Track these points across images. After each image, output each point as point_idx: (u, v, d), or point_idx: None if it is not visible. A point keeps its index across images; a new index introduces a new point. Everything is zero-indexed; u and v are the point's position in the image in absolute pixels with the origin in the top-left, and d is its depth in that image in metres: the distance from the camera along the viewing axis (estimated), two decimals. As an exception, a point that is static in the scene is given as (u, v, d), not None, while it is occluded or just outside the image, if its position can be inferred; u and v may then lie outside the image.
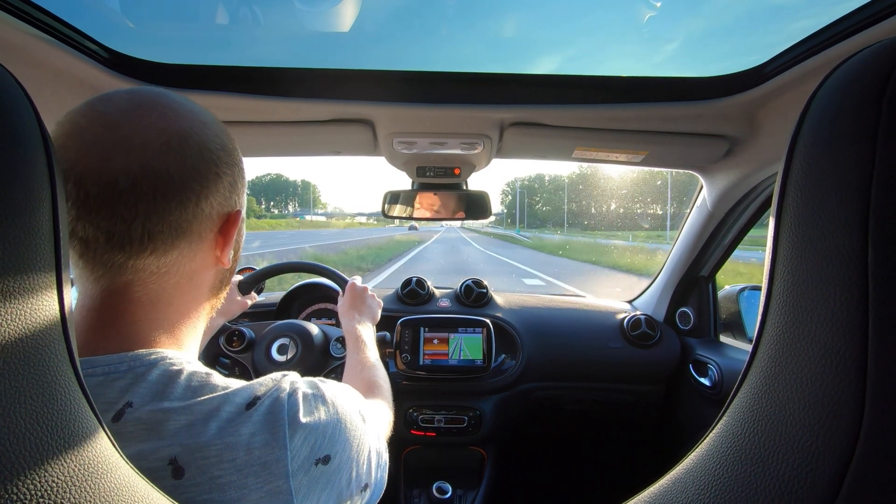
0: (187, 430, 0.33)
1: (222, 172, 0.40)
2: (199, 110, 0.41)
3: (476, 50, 31.84)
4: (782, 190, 0.27)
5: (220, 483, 0.33)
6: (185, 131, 0.38)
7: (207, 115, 0.41)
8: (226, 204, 0.42)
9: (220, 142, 0.41)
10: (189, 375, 0.37)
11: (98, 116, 0.35)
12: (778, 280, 0.27)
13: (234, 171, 0.42)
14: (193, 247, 0.40)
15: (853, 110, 0.24)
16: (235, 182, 0.43)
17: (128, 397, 0.34)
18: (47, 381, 0.22)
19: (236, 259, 0.47)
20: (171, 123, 0.37)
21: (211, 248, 0.42)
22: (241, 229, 0.45)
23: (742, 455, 0.26)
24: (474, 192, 1.11)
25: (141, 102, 0.37)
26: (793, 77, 0.71)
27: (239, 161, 0.44)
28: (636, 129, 0.93)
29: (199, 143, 0.38)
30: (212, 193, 0.39)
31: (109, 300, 0.37)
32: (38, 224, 0.23)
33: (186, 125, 0.38)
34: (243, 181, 0.45)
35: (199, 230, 0.39)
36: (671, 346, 1.34)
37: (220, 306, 0.99)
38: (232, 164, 0.42)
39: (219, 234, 0.42)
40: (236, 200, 0.43)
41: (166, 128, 0.37)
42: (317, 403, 0.39)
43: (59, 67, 0.69)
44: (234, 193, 0.43)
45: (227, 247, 0.43)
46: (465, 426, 1.27)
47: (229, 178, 0.41)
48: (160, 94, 0.39)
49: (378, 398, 0.67)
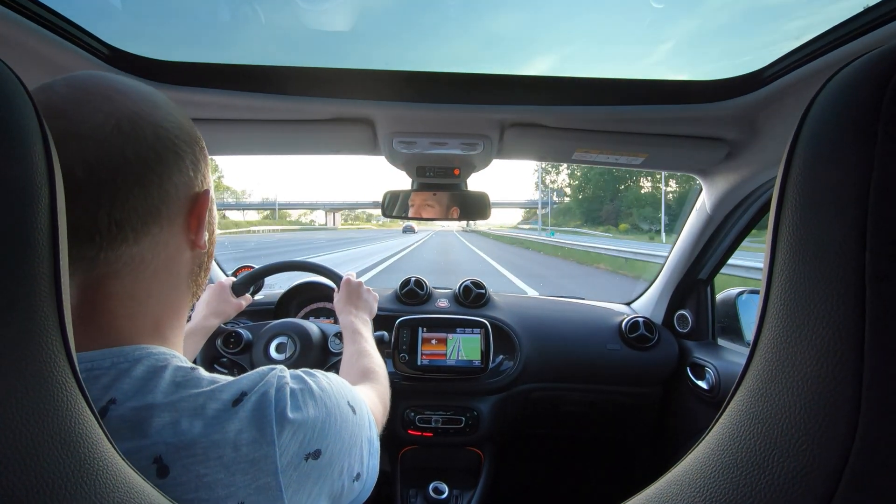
0: (172, 428, 0.33)
1: (182, 151, 0.39)
2: (148, 91, 0.39)
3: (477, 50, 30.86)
4: (781, 193, 0.27)
5: (206, 481, 0.32)
6: (135, 113, 0.36)
7: (157, 96, 0.40)
8: (191, 184, 0.40)
9: (174, 121, 0.39)
10: (174, 371, 0.36)
11: (42, 107, 0.34)
12: (776, 283, 0.27)
13: (195, 149, 0.41)
14: (165, 232, 0.38)
15: (853, 115, 0.24)
16: (197, 161, 0.41)
17: (111, 394, 0.33)
18: (43, 376, 0.22)
19: (212, 241, 0.46)
20: (119, 106, 0.36)
21: (184, 232, 0.40)
22: (212, 210, 0.44)
23: (738, 458, 0.26)
24: (474, 193, 1.11)
25: (84, 87, 0.35)
26: (793, 81, 0.72)
27: (198, 140, 0.42)
28: (636, 132, 0.94)
29: (153, 124, 0.37)
30: (174, 174, 0.38)
31: (86, 296, 0.36)
32: (37, 219, 0.23)
33: (135, 107, 0.37)
34: (206, 160, 0.43)
35: (167, 214, 0.38)
36: (669, 349, 1.34)
37: (216, 308, 0.99)
38: (191, 142, 0.41)
39: (190, 217, 0.41)
40: (202, 180, 0.42)
41: (114, 111, 0.35)
42: (305, 398, 0.39)
43: (60, 63, 0.69)
44: (198, 173, 0.41)
45: (201, 229, 0.42)
46: (463, 427, 1.27)
47: (190, 156, 0.40)
48: (103, 77, 0.37)
49: (371, 383, 0.67)
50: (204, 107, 0.85)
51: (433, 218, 1.12)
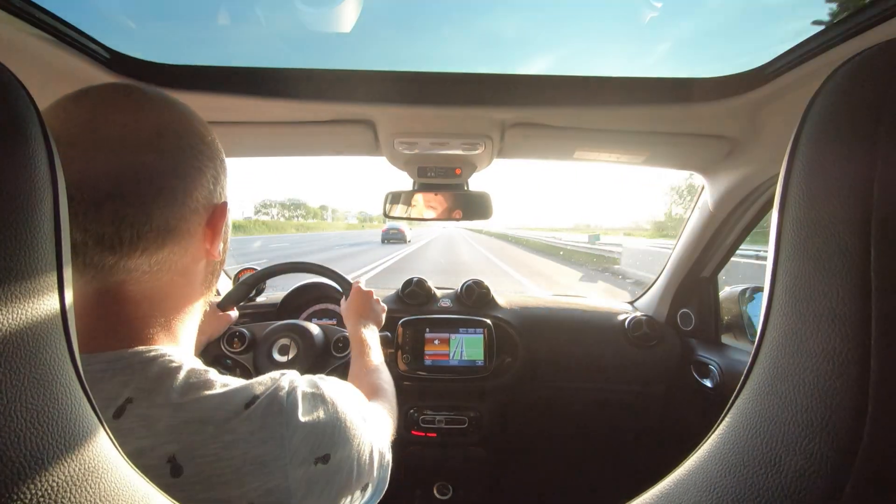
0: (186, 428, 0.33)
1: (204, 166, 0.40)
2: (175, 103, 0.40)
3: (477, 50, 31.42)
4: (784, 190, 0.27)
5: (218, 482, 0.33)
6: (162, 126, 0.37)
7: (183, 108, 0.40)
8: (211, 197, 0.41)
9: (198, 134, 0.40)
10: (188, 372, 0.37)
11: (71, 117, 0.34)
12: (780, 280, 0.26)
13: (216, 162, 0.42)
14: (183, 243, 0.39)
15: (855, 111, 0.24)
16: (218, 174, 0.42)
17: (128, 393, 0.34)
18: (48, 379, 0.22)
19: (225, 250, 0.47)
20: (147, 119, 0.36)
21: (200, 243, 0.41)
22: (227, 221, 0.45)
23: (744, 456, 0.26)
24: (475, 193, 1.11)
25: (114, 99, 0.36)
26: (795, 78, 0.71)
27: (219, 152, 0.43)
28: (637, 130, 0.93)
29: (178, 138, 0.38)
30: (196, 188, 0.39)
31: (103, 300, 0.37)
32: (40, 222, 0.23)
33: (162, 120, 0.37)
34: (225, 172, 0.44)
35: (187, 227, 0.39)
36: (672, 347, 1.34)
37: (204, 327, 0.99)
38: (212, 155, 0.41)
39: (207, 228, 0.41)
40: (221, 192, 0.43)
41: (142, 124, 0.36)
42: (316, 402, 0.39)
43: (61, 67, 0.69)
44: (217, 185, 0.42)
45: (217, 239, 0.42)
46: (466, 427, 1.27)
47: (211, 170, 0.41)
48: (133, 88, 0.38)
49: (381, 401, 0.67)
50: (205, 110, 0.85)
51: (434, 219, 1.12)
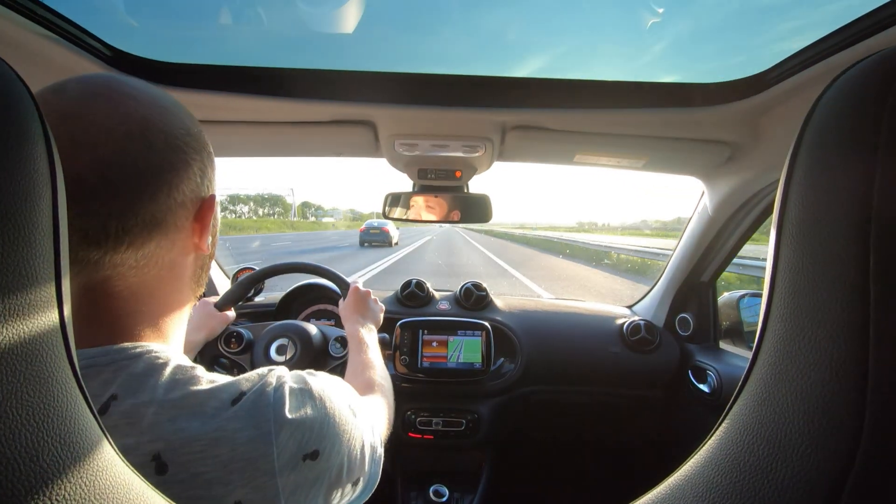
0: (171, 425, 0.33)
1: (191, 158, 0.39)
2: (159, 94, 0.39)
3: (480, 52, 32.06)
4: (784, 196, 0.27)
5: (204, 479, 0.32)
6: (147, 118, 0.36)
7: (168, 100, 0.40)
8: (198, 190, 0.40)
9: (184, 126, 0.39)
10: (174, 369, 0.36)
11: (52, 109, 0.33)
12: (779, 286, 0.26)
13: (203, 155, 0.41)
14: (171, 237, 0.38)
15: (856, 118, 0.24)
16: (205, 166, 0.41)
17: (112, 390, 0.33)
18: (44, 376, 0.22)
19: (214, 244, 0.46)
20: (131, 111, 0.35)
21: (188, 236, 0.40)
22: (216, 214, 0.44)
23: (741, 462, 0.26)
24: (475, 195, 1.11)
25: (96, 90, 0.35)
26: (795, 84, 0.71)
27: (206, 145, 0.42)
28: (638, 134, 0.93)
29: (163, 130, 0.37)
30: (183, 181, 0.38)
31: (89, 296, 0.36)
32: (39, 218, 0.23)
33: (147, 112, 0.36)
34: (213, 164, 0.43)
35: (174, 220, 0.38)
36: (670, 352, 1.34)
37: (198, 324, 0.99)
38: (199, 149, 0.40)
39: (195, 222, 0.41)
40: (208, 186, 0.42)
41: (126, 116, 0.35)
42: (304, 398, 0.39)
43: (62, 65, 0.69)
44: (205, 178, 0.41)
45: (205, 233, 0.42)
46: (464, 429, 1.27)
47: (198, 163, 0.40)
48: (114, 79, 0.37)
49: (376, 395, 0.67)
50: (205, 108, 0.85)
51: (434, 220, 1.12)
